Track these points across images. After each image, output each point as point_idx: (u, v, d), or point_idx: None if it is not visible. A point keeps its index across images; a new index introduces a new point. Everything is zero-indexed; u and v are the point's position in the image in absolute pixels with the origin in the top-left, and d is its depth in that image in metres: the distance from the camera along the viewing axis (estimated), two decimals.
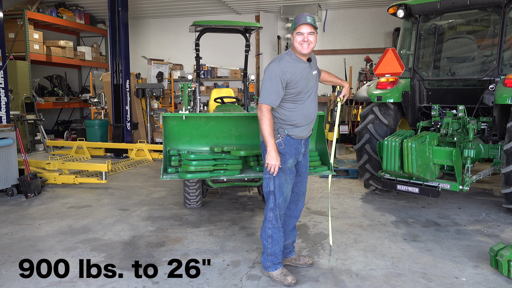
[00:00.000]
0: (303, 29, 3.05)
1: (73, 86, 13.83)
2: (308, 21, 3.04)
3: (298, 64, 3.12)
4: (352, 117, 8.68)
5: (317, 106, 3.32)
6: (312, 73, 3.23)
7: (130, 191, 6.17)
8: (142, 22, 13.55)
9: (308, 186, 6.43)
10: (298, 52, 3.13)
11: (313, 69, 3.24)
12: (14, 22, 10.59)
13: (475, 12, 5.46)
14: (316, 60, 3.39)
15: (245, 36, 6.77)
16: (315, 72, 3.28)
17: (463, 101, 5.27)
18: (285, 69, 3.05)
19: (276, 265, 3.27)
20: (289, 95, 3.12)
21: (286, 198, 3.25)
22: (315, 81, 3.27)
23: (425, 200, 5.56)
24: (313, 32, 3.06)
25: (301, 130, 3.22)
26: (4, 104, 7.05)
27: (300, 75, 3.11)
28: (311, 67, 3.22)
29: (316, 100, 3.30)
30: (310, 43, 3.07)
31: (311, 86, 3.22)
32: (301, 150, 3.28)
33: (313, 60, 3.29)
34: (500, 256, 3.29)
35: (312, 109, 3.25)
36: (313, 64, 3.27)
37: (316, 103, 3.30)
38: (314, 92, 3.27)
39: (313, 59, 3.31)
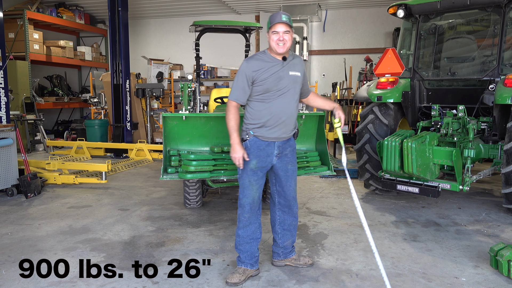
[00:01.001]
0: (279, 28, 3.03)
1: (73, 86, 13.84)
2: (284, 19, 3.01)
3: (267, 62, 3.10)
4: (352, 117, 8.68)
5: (293, 107, 3.21)
6: (287, 73, 3.13)
7: (130, 191, 6.16)
8: (142, 22, 13.56)
9: (308, 186, 6.44)
10: (273, 51, 3.11)
11: (290, 69, 3.15)
12: (14, 22, 10.59)
13: (475, 12, 5.46)
14: (301, 63, 3.28)
15: (245, 36, 6.77)
16: (294, 73, 3.17)
17: (463, 101, 5.27)
18: (252, 67, 3.08)
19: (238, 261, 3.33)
20: (257, 93, 3.11)
21: (253, 201, 3.20)
22: (291, 81, 3.15)
23: (425, 200, 5.56)
24: (288, 31, 3.05)
25: (271, 131, 3.14)
26: (4, 104, 7.05)
27: (268, 72, 3.07)
28: (286, 66, 3.14)
29: (292, 101, 3.19)
30: (286, 42, 3.04)
31: (284, 86, 3.12)
32: (273, 152, 3.18)
33: (293, 60, 3.21)
34: (500, 256, 3.29)
35: (283, 109, 3.14)
36: (291, 64, 3.18)
37: (292, 104, 3.19)
38: (289, 92, 3.15)
39: (295, 59, 3.24)
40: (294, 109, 3.22)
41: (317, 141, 4.54)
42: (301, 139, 4.61)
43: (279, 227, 3.44)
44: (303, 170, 4.25)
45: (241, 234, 3.28)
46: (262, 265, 3.54)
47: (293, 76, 3.17)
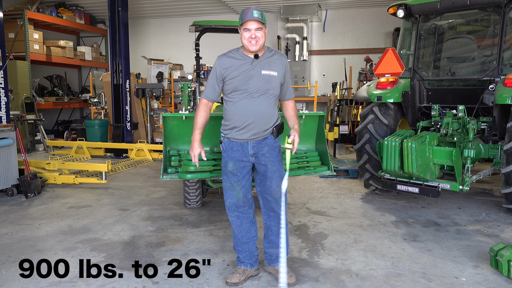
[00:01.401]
0: (250, 25, 2.89)
1: (73, 86, 13.84)
2: (255, 16, 2.86)
3: (238, 59, 2.99)
4: (352, 117, 8.68)
5: (264, 107, 3.01)
6: (259, 72, 2.97)
7: (130, 191, 6.16)
8: (142, 22, 13.56)
9: (308, 186, 6.43)
10: (246, 49, 2.99)
11: (264, 68, 2.98)
12: (14, 22, 10.60)
13: (475, 12, 5.46)
14: (281, 62, 3.06)
15: None
16: (268, 72, 2.98)
17: (463, 101, 5.27)
18: (222, 64, 3.00)
19: (238, 262, 3.32)
20: (227, 91, 3.04)
21: (238, 200, 3.13)
22: (262, 81, 2.97)
23: (425, 200, 5.56)
24: (261, 28, 2.90)
25: (241, 133, 3.03)
26: (4, 104, 7.05)
27: (237, 70, 2.96)
28: (258, 64, 2.98)
29: (264, 102, 3.00)
30: (259, 40, 2.91)
31: (254, 85, 2.96)
32: (248, 152, 3.06)
33: (270, 58, 3.03)
34: (500, 256, 3.29)
35: (250, 110, 2.98)
36: (265, 63, 3.00)
37: (262, 105, 3.00)
38: (259, 92, 2.98)
39: (273, 57, 3.05)
40: (265, 110, 3.02)
41: (317, 141, 4.54)
42: (301, 139, 4.59)
43: (266, 232, 3.31)
44: (303, 170, 4.25)
45: (236, 235, 3.27)
46: (262, 265, 3.54)
47: (265, 76, 2.98)
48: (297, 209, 5.20)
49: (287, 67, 3.14)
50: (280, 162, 3.17)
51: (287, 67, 3.14)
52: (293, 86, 11.38)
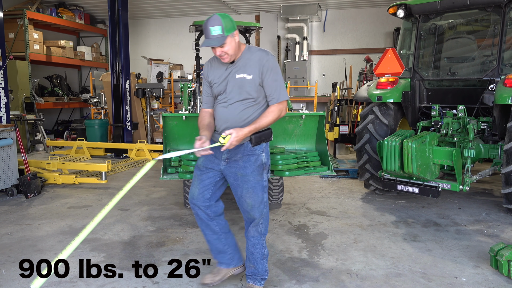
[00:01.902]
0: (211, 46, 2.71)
1: (73, 86, 13.84)
2: (212, 34, 2.64)
3: (219, 64, 2.89)
4: (352, 117, 8.68)
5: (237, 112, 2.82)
6: (234, 76, 2.80)
7: (130, 191, 6.15)
8: (142, 22, 13.56)
9: (308, 186, 6.43)
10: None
11: (239, 71, 2.80)
12: (14, 22, 10.60)
13: (475, 12, 5.46)
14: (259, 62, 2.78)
15: (245, 36, 6.77)
16: (242, 75, 2.79)
17: (463, 101, 5.28)
18: (208, 69, 2.95)
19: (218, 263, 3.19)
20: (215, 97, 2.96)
21: (193, 196, 2.97)
22: (236, 85, 2.80)
23: (425, 200, 5.56)
24: (224, 43, 2.67)
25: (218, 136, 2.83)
26: (4, 104, 7.05)
27: (217, 75, 2.88)
28: (234, 68, 2.82)
29: (238, 107, 2.81)
30: (227, 54, 2.72)
31: (229, 90, 2.82)
32: (221, 155, 2.89)
33: (247, 60, 2.81)
34: (500, 256, 3.29)
35: (224, 115, 2.85)
36: (241, 66, 2.81)
37: (236, 110, 2.82)
38: (233, 97, 2.82)
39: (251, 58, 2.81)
40: (240, 116, 2.82)
41: (317, 141, 4.54)
42: (301, 139, 4.61)
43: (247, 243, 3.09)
44: (303, 170, 4.25)
45: (202, 231, 3.09)
46: None
47: (239, 80, 2.79)
48: (297, 209, 5.20)
49: (269, 67, 2.78)
50: (255, 174, 2.85)
51: (269, 67, 2.78)
52: (293, 86, 11.38)
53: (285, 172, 4.10)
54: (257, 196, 2.88)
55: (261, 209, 2.92)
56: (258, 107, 2.85)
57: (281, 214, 4.96)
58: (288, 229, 4.44)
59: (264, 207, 2.94)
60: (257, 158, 2.86)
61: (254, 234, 2.97)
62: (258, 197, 2.88)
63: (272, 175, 4.23)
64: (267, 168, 2.94)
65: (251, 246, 2.99)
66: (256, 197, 2.88)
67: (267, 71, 2.78)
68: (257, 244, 2.97)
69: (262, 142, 2.84)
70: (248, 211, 2.92)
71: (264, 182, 2.91)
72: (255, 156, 2.85)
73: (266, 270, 3.05)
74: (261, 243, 2.98)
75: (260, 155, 2.87)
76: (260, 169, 2.88)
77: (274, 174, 4.18)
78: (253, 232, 2.97)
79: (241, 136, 2.68)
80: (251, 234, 2.98)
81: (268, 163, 2.96)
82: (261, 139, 2.83)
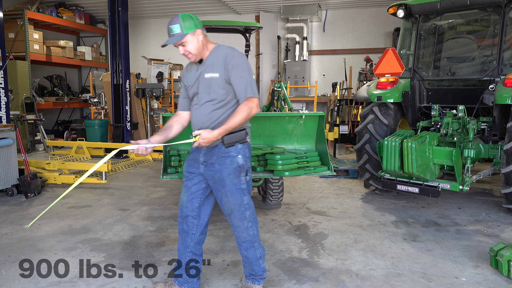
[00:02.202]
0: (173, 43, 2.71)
1: (73, 86, 13.84)
2: (172, 33, 2.67)
3: (193, 66, 2.87)
4: (352, 117, 8.68)
5: (206, 113, 2.76)
6: (203, 76, 2.75)
7: (130, 191, 6.16)
8: (142, 22, 13.56)
9: (308, 186, 6.44)
10: None
11: (207, 71, 2.75)
12: (14, 22, 10.60)
13: (475, 12, 5.46)
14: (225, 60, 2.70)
15: (245, 36, 6.77)
16: (210, 75, 2.73)
17: (463, 101, 5.28)
18: (185, 72, 2.93)
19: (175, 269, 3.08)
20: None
21: (182, 204, 2.94)
22: (205, 85, 2.75)
23: (425, 200, 5.56)
24: (184, 42, 2.67)
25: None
26: (4, 104, 7.05)
27: (191, 77, 2.85)
28: (202, 68, 2.78)
29: (208, 108, 2.76)
30: (190, 53, 2.71)
31: (200, 91, 2.78)
32: (199, 158, 2.86)
33: (214, 59, 2.75)
34: (500, 256, 3.29)
35: (196, 117, 2.82)
36: (208, 65, 2.76)
37: (205, 111, 2.77)
38: (202, 97, 2.78)
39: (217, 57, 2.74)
40: (209, 117, 2.76)
41: (317, 141, 4.54)
42: (301, 139, 4.61)
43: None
44: (303, 170, 4.24)
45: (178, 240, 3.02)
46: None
47: (207, 79, 2.74)
48: (297, 209, 5.20)
49: (234, 64, 2.68)
50: (232, 177, 2.76)
51: (234, 64, 2.68)
52: (293, 86, 11.39)
53: (285, 172, 4.10)
54: (235, 199, 2.78)
55: (241, 212, 2.81)
56: (228, 107, 2.76)
57: (281, 214, 4.96)
58: (288, 229, 4.44)
59: (246, 210, 2.83)
60: (233, 160, 2.76)
61: (245, 238, 2.88)
62: (236, 200, 2.79)
63: (272, 175, 4.23)
64: (245, 170, 2.80)
65: (243, 251, 2.92)
66: (234, 201, 2.79)
67: (233, 68, 2.68)
68: (249, 247, 2.90)
69: (235, 143, 2.75)
70: (228, 215, 2.85)
71: (242, 185, 2.79)
72: (230, 158, 2.76)
73: (264, 270, 2.99)
74: (254, 245, 2.90)
75: (236, 157, 2.76)
76: (236, 172, 2.77)
77: (274, 174, 4.18)
78: (244, 237, 2.88)
79: (210, 139, 2.63)
80: (242, 239, 2.89)
81: (247, 165, 2.82)
82: (234, 140, 2.74)
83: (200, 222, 2.94)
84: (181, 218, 2.96)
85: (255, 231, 2.90)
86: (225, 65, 2.69)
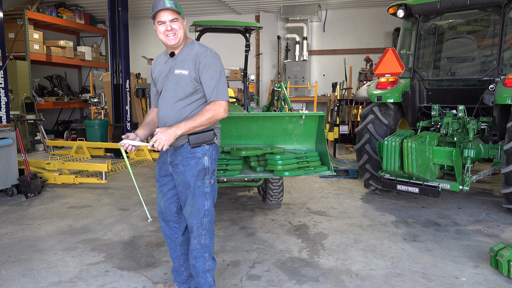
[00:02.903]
0: (164, 17, 2.54)
1: (73, 86, 13.84)
2: (167, 5, 2.50)
3: (163, 59, 2.74)
4: (352, 117, 8.68)
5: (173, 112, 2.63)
6: (173, 71, 2.62)
7: (130, 191, 6.17)
8: (142, 22, 13.56)
9: (308, 186, 6.43)
10: (166, 45, 2.66)
11: (177, 67, 2.61)
12: (14, 22, 10.60)
13: (475, 12, 5.46)
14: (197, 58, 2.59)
15: (245, 36, 6.77)
16: (179, 71, 2.60)
17: (463, 101, 5.28)
18: (154, 66, 2.79)
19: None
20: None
21: (161, 210, 2.87)
22: (173, 81, 2.62)
23: (425, 200, 5.56)
24: (177, 19, 2.55)
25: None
26: (4, 104, 7.05)
27: (160, 70, 2.71)
28: (173, 62, 2.65)
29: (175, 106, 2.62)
30: (176, 32, 2.56)
31: (168, 87, 2.65)
32: (167, 159, 2.76)
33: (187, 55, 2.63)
34: (500, 256, 3.30)
35: (163, 114, 2.68)
36: (179, 61, 2.63)
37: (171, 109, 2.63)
38: (169, 94, 2.65)
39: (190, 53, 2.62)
40: (176, 115, 2.63)
41: (317, 141, 4.54)
42: (301, 139, 4.61)
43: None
44: (303, 170, 4.24)
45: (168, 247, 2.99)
46: (261, 265, 3.54)
47: (177, 76, 2.61)
48: (297, 209, 5.20)
49: (206, 63, 2.57)
50: (195, 179, 2.63)
51: (206, 63, 2.57)
52: (293, 86, 11.39)
53: (285, 172, 4.10)
54: (196, 203, 2.65)
55: (199, 218, 2.66)
56: (196, 106, 2.64)
57: (281, 214, 4.96)
58: (288, 229, 4.44)
59: (205, 216, 2.67)
60: (198, 162, 2.62)
61: (196, 246, 2.70)
62: (197, 203, 2.65)
63: (272, 175, 4.23)
64: (210, 173, 2.67)
65: (192, 259, 2.74)
66: (195, 204, 2.65)
67: (204, 68, 2.57)
68: (199, 256, 2.71)
69: (202, 144, 2.62)
70: (187, 217, 2.70)
71: (205, 188, 2.66)
72: (195, 160, 2.62)
73: (210, 285, 2.76)
74: (204, 256, 2.71)
75: (202, 158, 2.63)
76: (201, 174, 2.64)
77: (274, 174, 4.18)
78: (195, 244, 2.70)
79: (169, 133, 2.46)
80: (193, 246, 2.72)
81: (212, 168, 2.69)
82: (200, 141, 2.61)
83: (182, 226, 2.89)
84: (163, 223, 2.89)
85: (208, 241, 2.72)
86: (196, 64, 2.58)
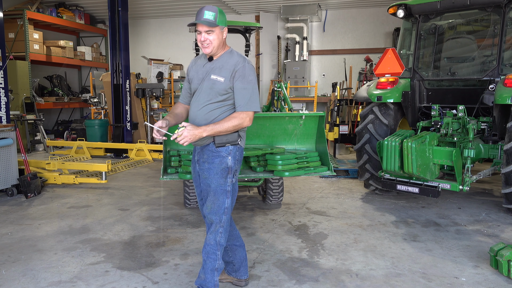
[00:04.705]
0: (200, 27, 2.73)
1: (73, 86, 13.84)
2: (205, 17, 2.67)
3: (201, 62, 2.91)
4: (352, 117, 8.68)
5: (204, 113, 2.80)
6: (209, 76, 2.79)
7: (130, 191, 6.17)
8: (142, 22, 13.56)
9: (308, 186, 6.44)
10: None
11: (214, 72, 2.78)
12: (14, 22, 10.59)
13: (475, 12, 5.46)
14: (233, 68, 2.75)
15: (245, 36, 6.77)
16: (215, 77, 2.76)
17: (463, 101, 5.28)
18: (191, 66, 2.99)
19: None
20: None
21: (200, 205, 3.04)
22: (208, 85, 2.79)
23: (425, 200, 5.56)
24: (212, 31, 2.71)
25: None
26: (4, 104, 7.05)
27: (195, 72, 2.91)
28: (210, 67, 2.81)
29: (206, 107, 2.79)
30: (210, 43, 2.73)
31: (202, 89, 2.82)
32: (194, 157, 2.96)
33: (224, 63, 2.79)
34: (500, 256, 3.30)
35: (194, 114, 2.86)
36: (216, 68, 2.79)
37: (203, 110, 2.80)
38: (202, 96, 2.81)
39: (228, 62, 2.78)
40: (206, 116, 2.80)
41: (317, 141, 4.54)
42: (301, 139, 4.61)
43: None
44: (303, 170, 4.25)
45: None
46: (261, 265, 3.55)
47: (212, 80, 2.78)
48: (297, 209, 5.20)
49: (241, 74, 2.75)
50: (218, 177, 2.79)
51: (241, 74, 2.75)
52: (293, 86, 11.39)
53: (285, 172, 4.10)
54: (217, 200, 2.79)
55: (220, 214, 2.80)
56: (225, 110, 2.80)
57: (281, 214, 4.96)
58: (288, 229, 4.44)
59: (224, 214, 2.81)
60: (222, 161, 2.79)
61: (210, 241, 2.83)
62: (218, 200, 2.79)
63: (272, 175, 4.23)
64: (232, 172, 2.83)
65: (204, 253, 2.85)
66: (216, 201, 2.79)
67: (238, 77, 2.75)
68: (211, 253, 2.83)
69: (227, 144, 2.78)
70: (207, 214, 2.83)
71: (227, 187, 2.81)
72: (219, 158, 2.79)
73: (215, 284, 2.85)
74: (216, 254, 2.83)
75: (226, 157, 2.79)
76: (224, 173, 2.80)
77: (274, 174, 4.18)
78: (210, 240, 2.83)
79: (194, 133, 2.63)
80: (207, 241, 2.84)
81: (235, 168, 2.84)
82: (225, 141, 2.77)
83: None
84: (203, 217, 3.02)
85: (223, 241, 2.84)
86: (232, 73, 2.75)
